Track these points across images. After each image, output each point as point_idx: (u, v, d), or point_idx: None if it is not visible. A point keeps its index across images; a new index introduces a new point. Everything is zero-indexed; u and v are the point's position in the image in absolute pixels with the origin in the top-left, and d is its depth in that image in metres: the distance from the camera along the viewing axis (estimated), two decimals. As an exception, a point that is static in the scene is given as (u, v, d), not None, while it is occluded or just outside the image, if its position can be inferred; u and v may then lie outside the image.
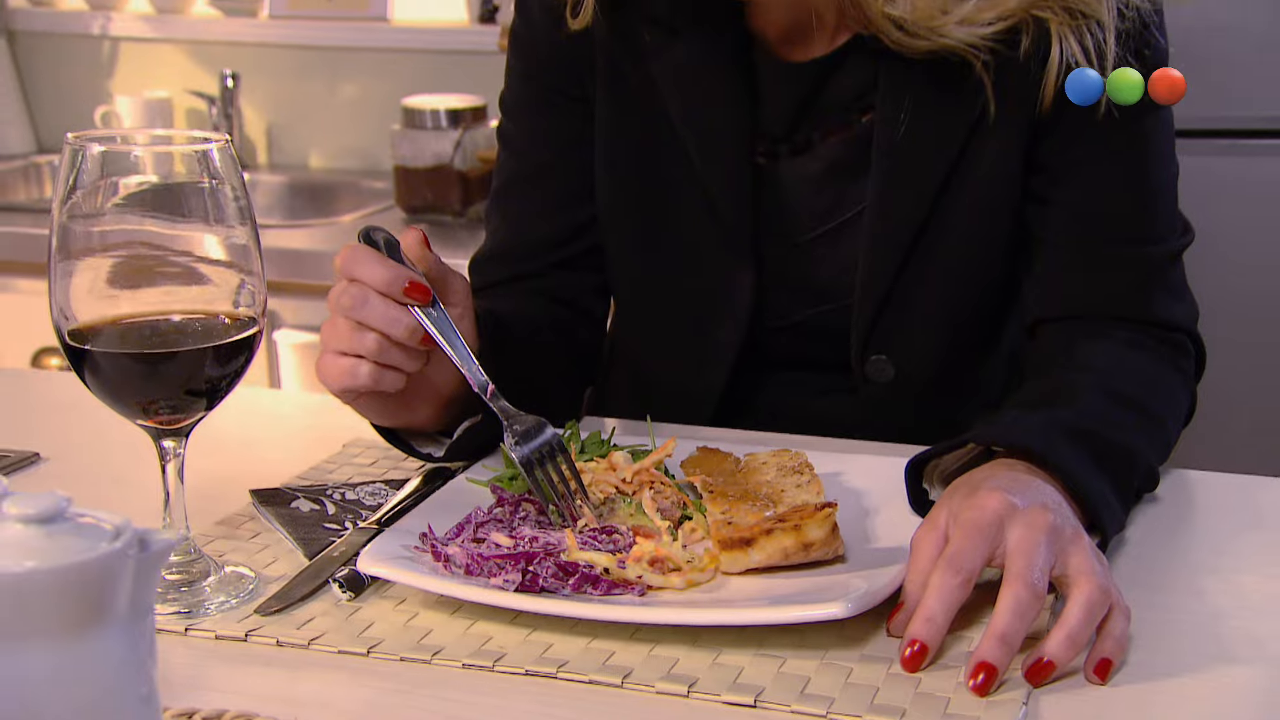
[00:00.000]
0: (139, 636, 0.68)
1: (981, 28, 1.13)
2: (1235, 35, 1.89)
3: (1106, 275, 1.20)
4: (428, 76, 2.83)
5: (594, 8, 1.20)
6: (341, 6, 2.93)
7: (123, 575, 0.65)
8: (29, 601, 0.63)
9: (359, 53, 2.94)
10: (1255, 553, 1.03)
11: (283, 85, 3.00)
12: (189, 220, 0.94)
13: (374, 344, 1.03)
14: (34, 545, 0.63)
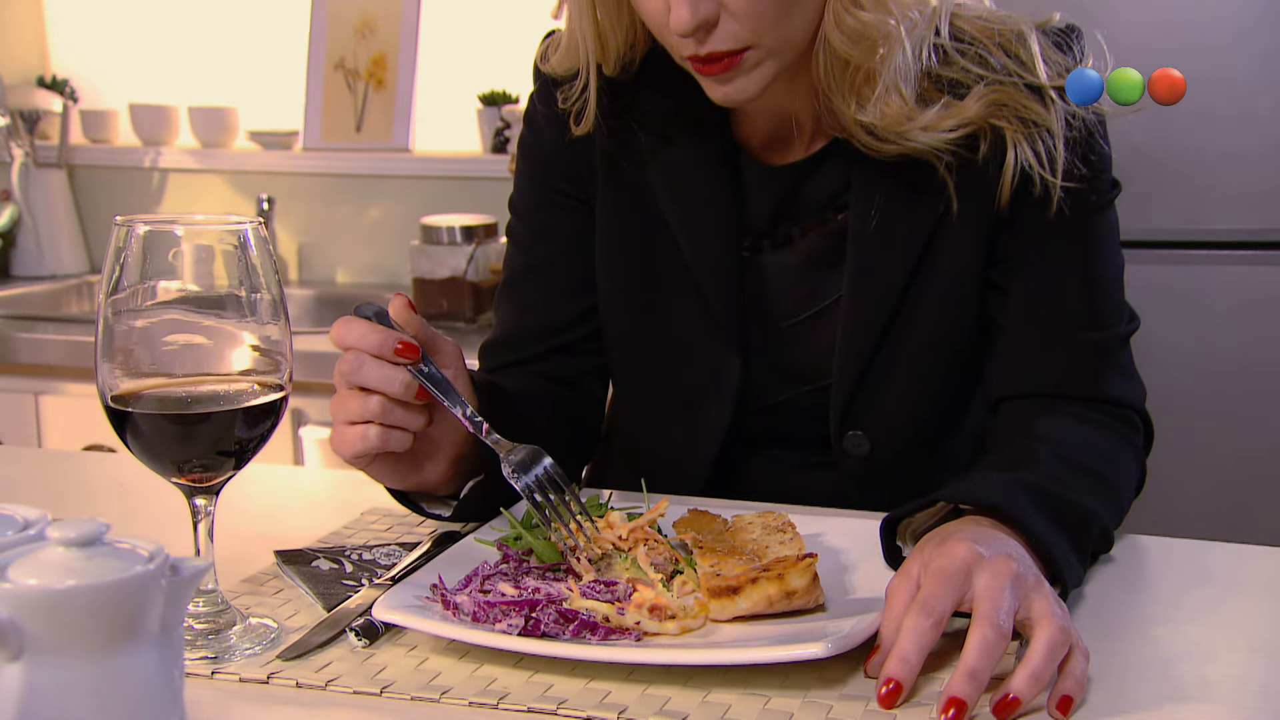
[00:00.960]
0: (169, 655, 0.68)
1: (944, 134, 1.15)
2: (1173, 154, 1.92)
3: (1061, 357, 1.20)
4: (444, 199, 2.86)
5: (595, 115, 1.22)
6: (368, 139, 2.97)
7: (156, 596, 0.65)
8: (68, 617, 0.63)
9: (383, 179, 2.98)
10: (1203, 607, 1.03)
11: (313, 209, 3.04)
12: (225, 314, 0.95)
13: (377, 406, 1.03)
14: (74, 566, 0.64)
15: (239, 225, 0.96)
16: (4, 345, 2.63)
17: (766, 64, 1.12)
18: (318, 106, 3.02)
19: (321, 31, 3.02)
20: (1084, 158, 1.18)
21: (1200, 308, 1.94)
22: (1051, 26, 1.21)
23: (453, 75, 2.95)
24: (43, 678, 0.62)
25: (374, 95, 2.98)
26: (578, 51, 1.21)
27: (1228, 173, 1.91)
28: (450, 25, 2.95)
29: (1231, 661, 0.93)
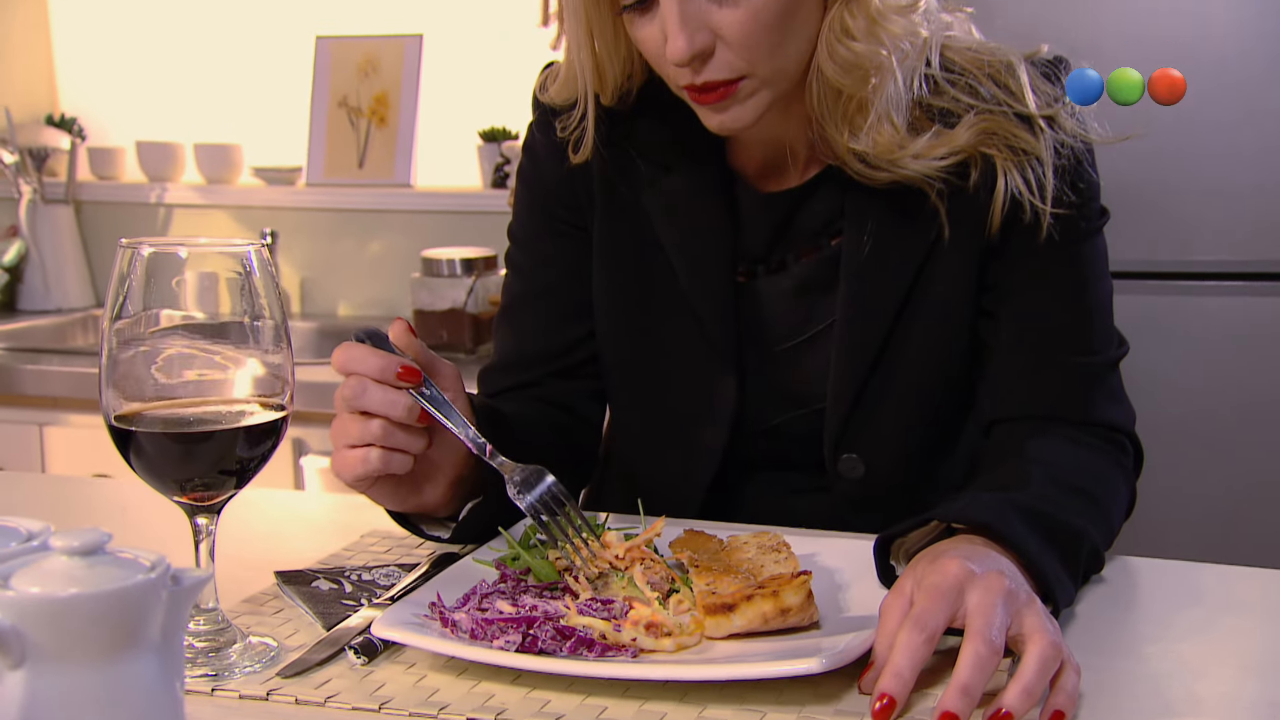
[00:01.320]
0: (171, 664, 0.67)
1: (935, 161, 1.15)
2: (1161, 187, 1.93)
3: (1052, 381, 1.20)
4: (445, 233, 2.86)
5: (594, 144, 1.23)
6: (370, 175, 2.98)
7: (157, 604, 0.65)
8: (70, 625, 0.62)
9: (385, 214, 2.98)
10: (1193, 626, 1.02)
11: (316, 243, 3.04)
12: (228, 340, 0.95)
13: (379, 429, 1.03)
14: (77, 574, 0.63)
15: (242, 248, 0.96)
16: (9, 377, 2.63)
17: (761, 93, 1.12)
18: (321, 143, 3.03)
19: (325, 70, 3.03)
20: (1073, 185, 1.18)
21: (1187, 337, 1.94)
22: (1040, 58, 1.22)
23: (453, 112, 2.96)
24: (45, 685, 0.62)
25: (376, 132, 2.99)
26: (576, 82, 1.21)
27: (1214, 206, 1.92)
28: (451, 64, 2.97)
29: (1222, 679, 0.92)
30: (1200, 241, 1.93)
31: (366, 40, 3.01)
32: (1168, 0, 1.86)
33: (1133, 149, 1.49)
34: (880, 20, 1.11)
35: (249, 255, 0.95)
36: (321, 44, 3.04)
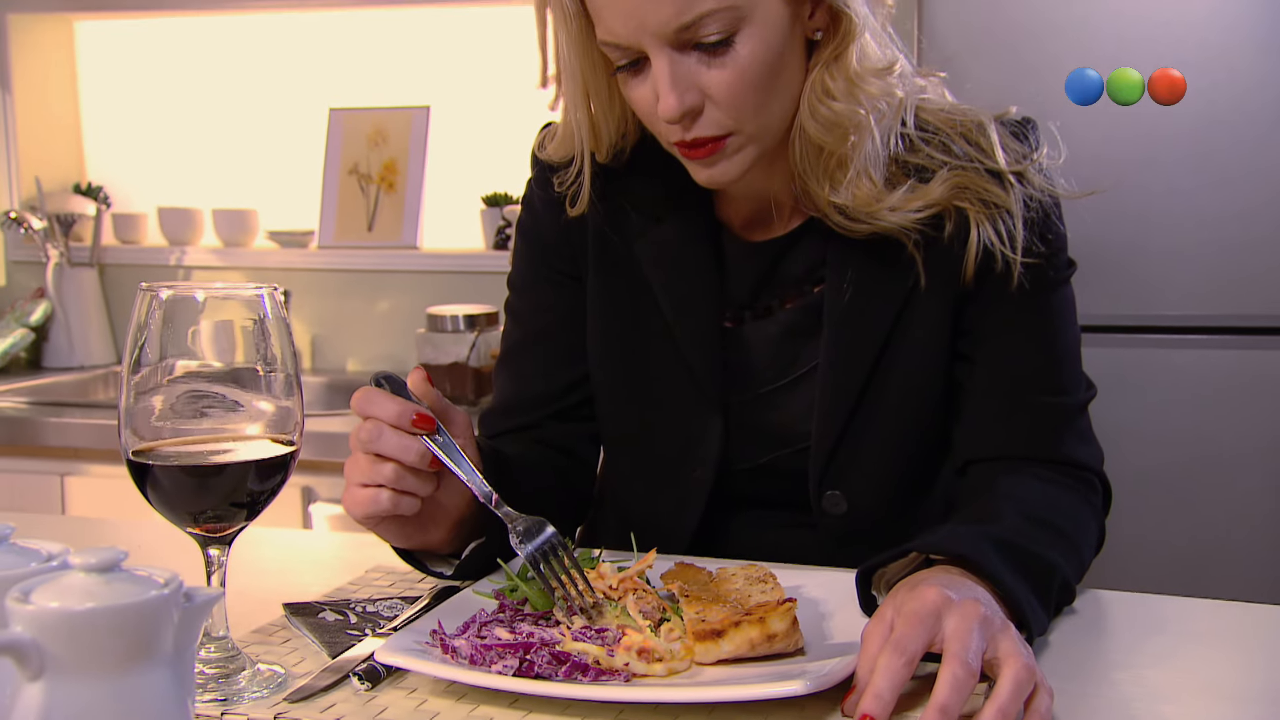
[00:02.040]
0: (183, 678, 0.67)
1: (911, 214, 1.16)
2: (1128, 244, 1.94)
3: (1024, 422, 1.20)
4: (449, 292, 2.87)
5: (589, 198, 1.23)
6: (379, 237, 3.00)
7: (170, 619, 0.65)
8: (87, 637, 0.62)
9: (392, 274, 2.99)
10: (1159, 653, 1.02)
11: (327, 302, 3.05)
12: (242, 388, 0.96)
13: (391, 472, 1.03)
14: (93, 590, 0.63)
15: (255, 291, 0.96)
16: (32, 429, 2.62)
17: (747, 149, 1.13)
18: (333, 208, 3.04)
19: (337, 140, 3.05)
20: (1042, 236, 1.19)
21: (1152, 389, 1.95)
22: (1009, 118, 1.23)
23: (457, 178, 2.98)
24: (63, 696, 0.61)
25: (385, 197, 3.00)
26: (573, 140, 1.22)
27: (1175, 263, 1.93)
28: (456, 133, 2.99)
29: (1185, 702, 0.92)
30: (1163, 297, 1.94)
31: (376, 112, 3.04)
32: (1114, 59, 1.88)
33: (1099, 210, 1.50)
34: (858, 82, 1.12)
35: (262, 300, 0.95)
36: (334, 115, 3.07)
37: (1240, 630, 1.08)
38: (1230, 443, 1.96)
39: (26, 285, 3.30)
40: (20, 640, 0.60)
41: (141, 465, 0.93)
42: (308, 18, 3.07)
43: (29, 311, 3.16)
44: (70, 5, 3.18)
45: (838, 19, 1.11)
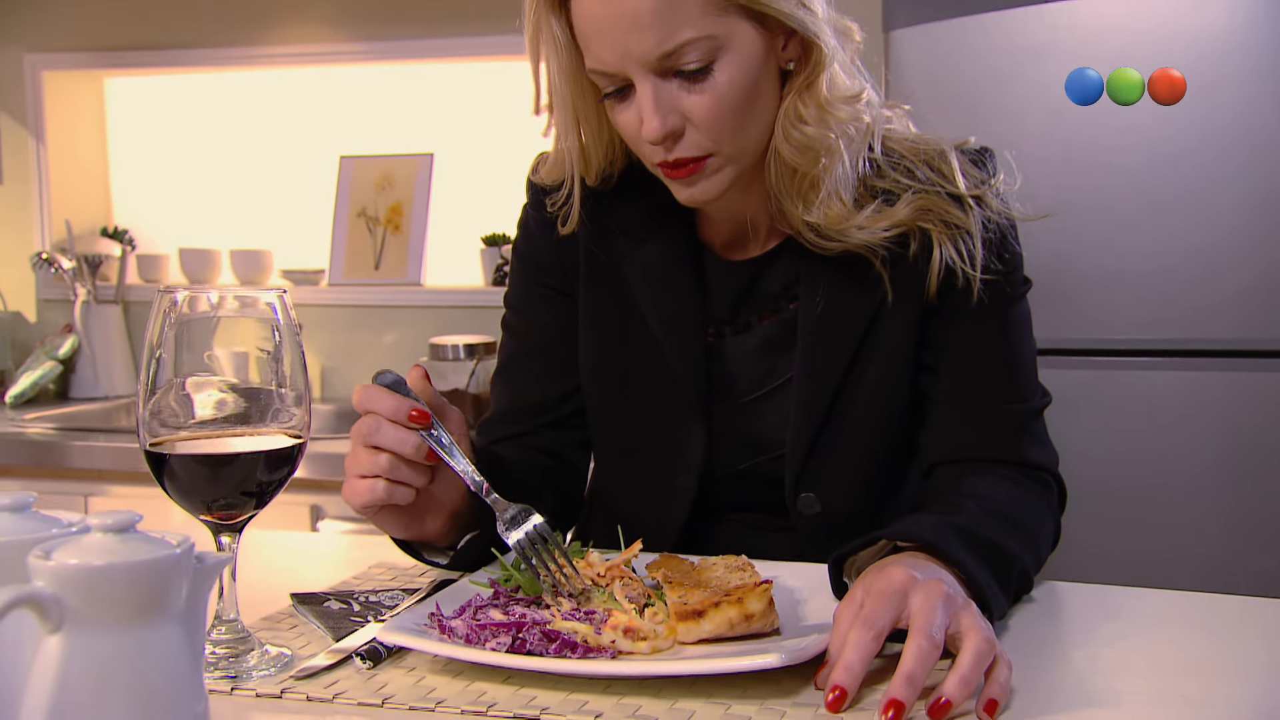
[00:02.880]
0: (194, 635, 0.67)
1: (878, 233, 1.17)
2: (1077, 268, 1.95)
3: (984, 427, 1.20)
4: (450, 325, 2.87)
5: (579, 217, 1.24)
6: (385, 275, 3.00)
7: (182, 577, 0.64)
8: (104, 592, 0.62)
9: (397, 309, 3.00)
10: (1112, 636, 1.01)
11: (336, 335, 3.05)
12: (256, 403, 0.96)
13: (386, 463, 1.03)
14: (110, 548, 0.63)
15: (269, 293, 0.97)
16: (59, 453, 2.61)
17: (726, 169, 1.14)
18: (342, 248, 3.05)
19: (347, 185, 3.06)
20: (999, 255, 1.20)
21: (1104, 408, 1.95)
22: (969, 147, 1.24)
23: (459, 220, 2.99)
24: (81, 648, 0.61)
25: (391, 238, 3.01)
26: (564, 164, 1.23)
27: (1125, 291, 1.94)
28: (457, 179, 3.01)
29: (1135, 678, 0.91)
30: (1111, 322, 1.95)
31: (384, 159, 3.05)
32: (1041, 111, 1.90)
33: (1055, 239, 1.51)
34: (828, 108, 1.13)
35: (275, 312, 0.96)
36: (345, 163, 3.08)
37: (1188, 616, 1.08)
38: (1176, 459, 1.96)
39: (56, 321, 3.30)
40: (41, 594, 0.60)
41: (158, 455, 0.93)
42: (319, 72, 3.09)
43: (57, 346, 3.16)
44: (100, 63, 3.20)
45: (809, 50, 1.12)
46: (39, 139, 3.25)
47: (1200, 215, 1.89)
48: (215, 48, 3.09)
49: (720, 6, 1.07)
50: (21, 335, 3.33)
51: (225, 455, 0.93)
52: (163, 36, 3.13)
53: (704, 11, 1.06)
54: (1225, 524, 1.92)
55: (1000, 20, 1.87)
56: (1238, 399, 1.90)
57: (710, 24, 1.07)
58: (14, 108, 3.27)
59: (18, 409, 2.99)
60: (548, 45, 1.14)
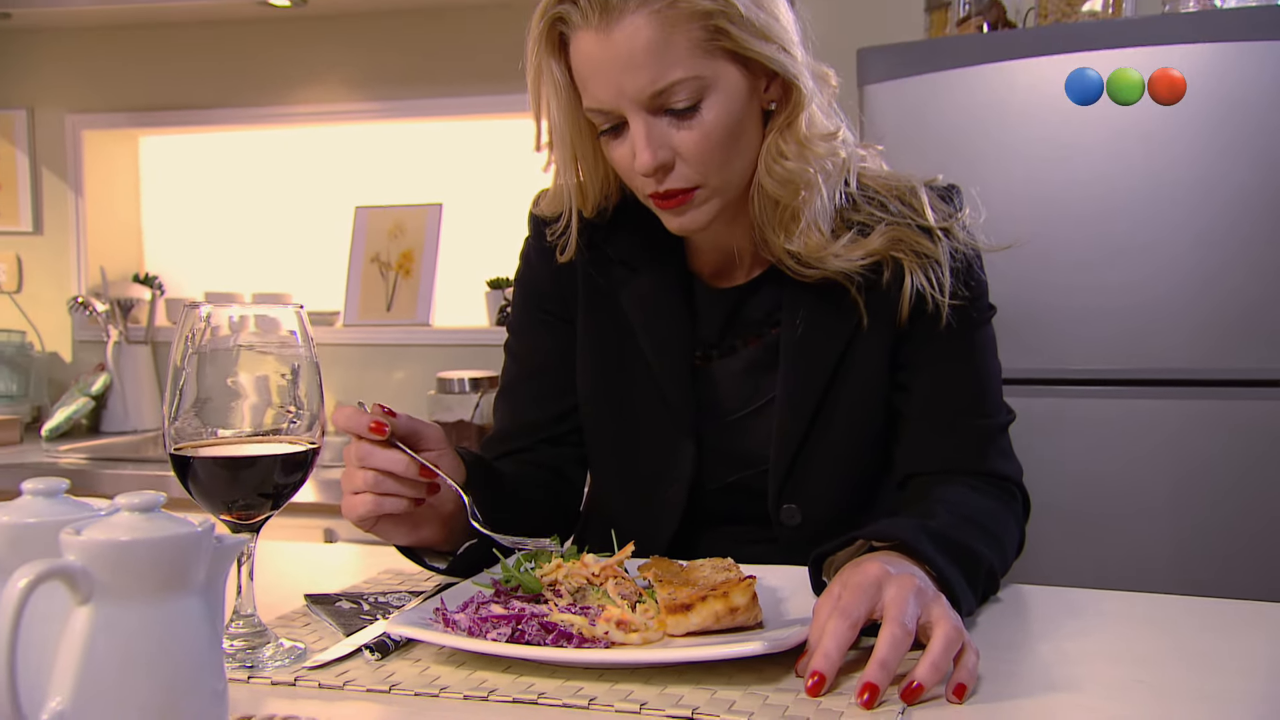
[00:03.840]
0: (213, 610, 0.66)
1: (853, 261, 1.17)
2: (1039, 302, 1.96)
3: (954, 440, 1.20)
4: (456, 363, 2.87)
5: (577, 247, 1.24)
6: (396, 316, 3.01)
7: (203, 554, 0.64)
8: (130, 566, 0.62)
9: (407, 348, 3.00)
10: (1073, 631, 1.01)
11: (350, 372, 3.05)
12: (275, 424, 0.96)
13: (372, 479, 1.04)
14: (136, 525, 0.63)
15: (288, 309, 0.97)
16: (90, 479, 2.60)
17: (712, 201, 1.15)
18: (356, 291, 3.06)
19: (362, 233, 3.08)
20: (966, 283, 1.20)
21: (1063, 434, 1.95)
22: (937, 184, 1.25)
23: (465, 265, 3.00)
24: (108, 619, 0.61)
25: (402, 282, 3.02)
26: (563, 198, 1.24)
27: (1083, 322, 1.95)
28: (464, 227, 3.02)
29: (1095, 665, 0.91)
30: (1072, 353, 1.96)
31: (396, 209, 3.07)
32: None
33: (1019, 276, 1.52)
34: (807, 144, 1.14)
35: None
36: (360, 212, 3.09)
37: (1143, 614, 1.08)
38: (1131, 483, 1.96)
39: (89, 360, 3.30)
40: (71, 567, 0.60)
41: (183, 459, 0.93)
42: (337, 130, 3.11)
43: (90, 383, 3.15)
44: (135, 122, 3.23)
45: (789, 91, 1.14)
46: (78, 192, 3.26)
47: (1152, 257, 1.90)
48: (240, 107, 3.11)
49: (707, 50, 1.08)
50: (58, 374, 3.32)
51: (245, 458, 0.93)
52: (193, 98, 3.15)
53: (692, 54, 1.08)
54: (1177, 543, 1.92)
55: (964, 76, 1.89)
56: (1189, 426, 1.91)
57: (698, 66, 1.08)
58: (55, 164, 3.29)
59: (53, 441, 2.98)
60: (548, 86, 1.15)
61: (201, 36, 3.12)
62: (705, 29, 1.07)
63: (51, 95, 3.27)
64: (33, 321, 3.31)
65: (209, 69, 3.13)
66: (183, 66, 3.16)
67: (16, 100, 3.29)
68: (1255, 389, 1.87)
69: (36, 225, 3.31)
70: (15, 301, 3.33)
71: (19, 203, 3.32)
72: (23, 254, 3.33)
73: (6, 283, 3.34)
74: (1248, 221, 1.85)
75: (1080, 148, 1.88)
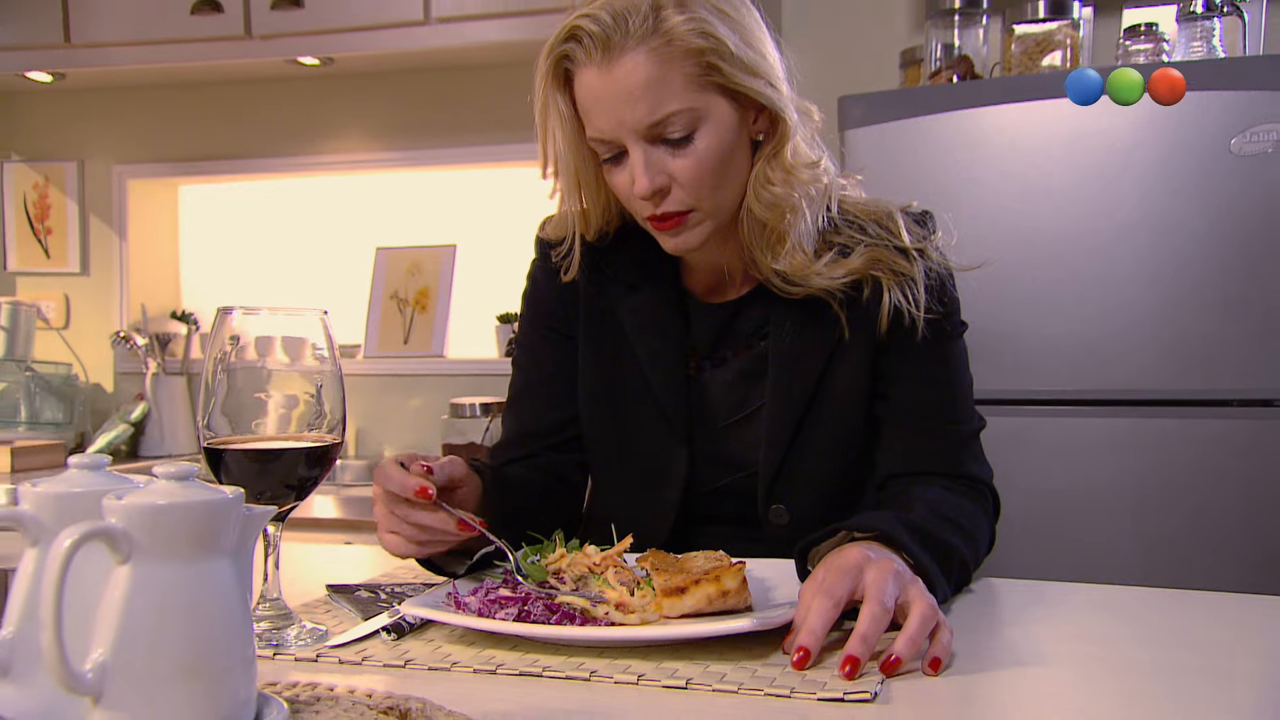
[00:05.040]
0: (243, 573, 0.66)
1: (835, 280, 1.18)
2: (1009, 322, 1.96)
3: (929, 445, 1.20)
4: (468, 390, 2.87)
5: (579, 267, 1.25)
6: (412, 349, 3.01)
7: (233, 520, 0.64)
8: (166, 528, 0.62)
9: (422, 378, 2.99)
10: (1039, 616, 1.01)
11: (368, 400, 3.04)
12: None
13: (414, 532, 1.03)
14: (173, 492, 0.63)
15: (312, 314, 0.97)
16: (127, 498, 2.58)
17: (705, 223, 1.15)
18: (376, 325, 3.06)
19: (382, 272, 3.08)
20: (939, 300, 1.21)
21: (1029, 451, 1.95)
22: (912, 210, 1.26)
23: (477, 302, 3.00)
24: (145, 577, 0.61)
25: (418, 317, 3.02)
26: (567, 221, 1.25)
27: (1046, 346, 1.95)
28: (476, 267, 3.03)
29: (1058, 645, 0.91)
30: (1033, 374, 1.96)
31: (413, 250, 3.08)
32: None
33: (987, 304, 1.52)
34: (792, 172, 1.15)
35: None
36: (380, 253, 3.11)
37: (1105, 602, 1.08)
38: (1093, 496, 1.95)
39: (129, 391, 3.29)
40: (113, 529, 0.60)
41: (216, 451, 0.93)
42: (359, 178, 3.13)
43: (130, 411, 3.15)
44: (175, 172, 3.24)
45: (776, 123, 1.15)
46: (121, 236, 3.28)
47: (1110, 288, 1.91)
48: (271, 158, 3.13)
49: (700, 84, 1.09)
50: (100, 403, 3.32)
51: (272, 451, 0.93)
52: (228, 149, 3.18)
53: (687, 88, 1.09)
54: (1139, 550, 1.91)
55: (936, 121, 1.91)
56: (1146, 442, 1.91)
57: (692, 99, 1.09)
58: (102, 210, 3.31)
59: (93, 464, 2.97)
60: (554, 118, 1.15)
61: (236, 93, 3.15)
62: (698, 65, 1.09)
63: (100, 148, 3.29)
64: (78, 355, 3.32)
65: (243, 123, 3.16)
66: (219, 121, 3.18)
67: (69, 153, 3.32)
68: (1206, 408, 1.87)
69: (84, 267, 3.32)
70: (63, 337, 3.33)
71: (68, 246, 3.33)
72: (70, 293, 3.34)
73: (55, 320, 3.34)
74: (1199, 259, 1.86)
75: (1043, 187, 1.89)
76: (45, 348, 3.32)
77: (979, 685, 0.81)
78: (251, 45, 2.69)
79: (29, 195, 3.35)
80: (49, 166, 3.33)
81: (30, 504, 0.65)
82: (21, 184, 3.35)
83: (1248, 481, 1.84)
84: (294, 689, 0.75)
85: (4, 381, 3.16)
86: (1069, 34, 1.98)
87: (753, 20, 1.13)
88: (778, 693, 0.78)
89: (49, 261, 3.34)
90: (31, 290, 3.36)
